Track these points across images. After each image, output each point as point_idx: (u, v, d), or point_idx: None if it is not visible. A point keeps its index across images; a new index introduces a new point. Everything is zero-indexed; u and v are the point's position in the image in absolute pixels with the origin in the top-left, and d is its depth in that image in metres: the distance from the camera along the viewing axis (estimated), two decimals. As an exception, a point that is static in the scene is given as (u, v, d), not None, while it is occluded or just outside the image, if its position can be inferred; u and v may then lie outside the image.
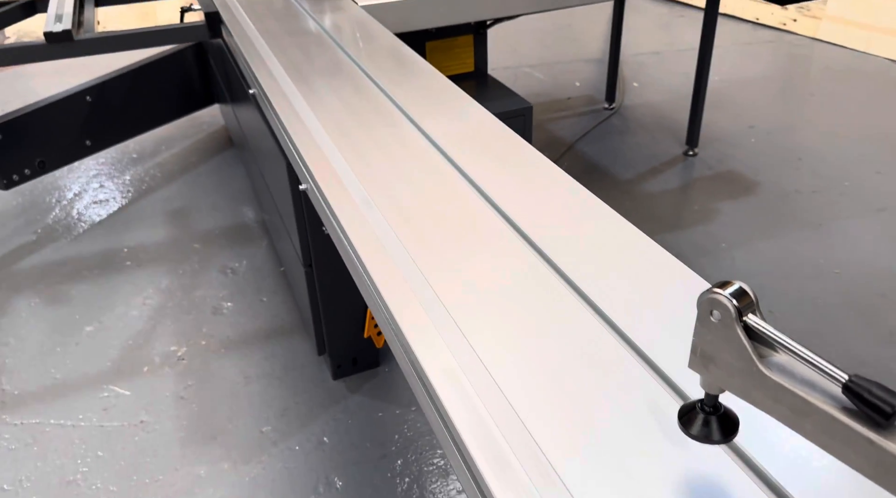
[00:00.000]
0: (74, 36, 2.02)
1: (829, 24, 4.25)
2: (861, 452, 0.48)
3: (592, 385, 0.75)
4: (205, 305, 2.26)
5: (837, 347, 2.02)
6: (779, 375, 0.53)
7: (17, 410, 1.90)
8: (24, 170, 2.51)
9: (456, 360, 0.79)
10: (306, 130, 1.34)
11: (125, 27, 4.92)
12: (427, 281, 0.91)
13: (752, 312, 0.54)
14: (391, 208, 1.08)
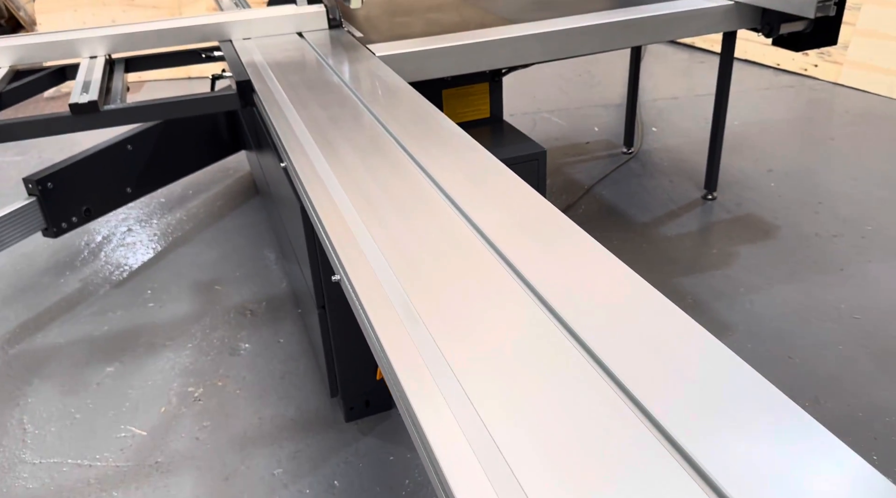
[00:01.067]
0: (100, 107, 2.00)
1: (850, 70, 4.26)
2: None
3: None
4: (223, 346, 2.30)
5: (858, 394, 1.98)
6: None
7: (37, 449, 1.94)
8: (71, 218, 2.57)
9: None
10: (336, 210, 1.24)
11: (161, 77, 5.08)
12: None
13: None
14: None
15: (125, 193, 2.73)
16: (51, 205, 2.47)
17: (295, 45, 2.29)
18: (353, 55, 2.14)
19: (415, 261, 1.06)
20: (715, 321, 2.29)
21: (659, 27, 2.41)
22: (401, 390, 0.82)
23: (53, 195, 2.47)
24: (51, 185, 2.45)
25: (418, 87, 1.95)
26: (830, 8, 2.34)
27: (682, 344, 0.85)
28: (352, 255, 1.08)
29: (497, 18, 2.43)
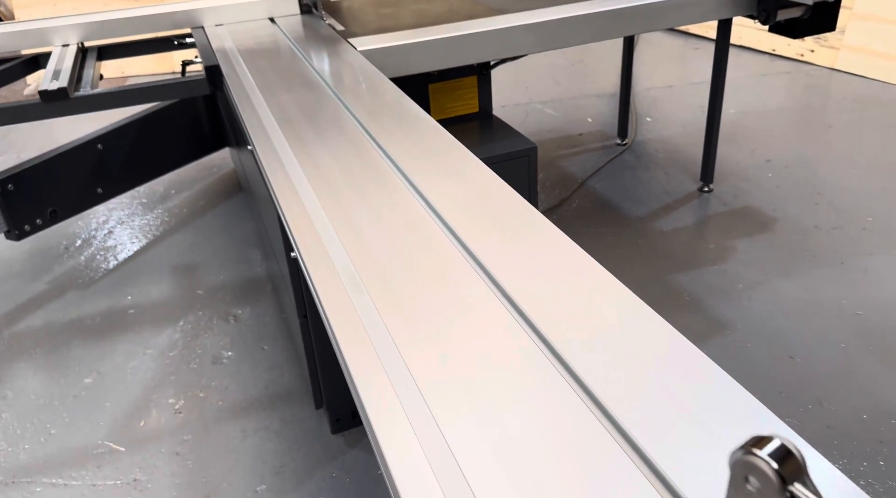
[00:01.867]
0: (70, 94, 1.99)
1: (847, 55, 4.18)
2: None
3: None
4: (206, 354, 2.22)
5: (862, 395, 1.91)
6: None
7: (9, 468, 1.86)
8: (35, 220, 2.48)
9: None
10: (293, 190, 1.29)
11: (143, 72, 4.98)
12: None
13: (799, 481, 0.44)
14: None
15: (96, 194, 2.61)
16: (12, 207, 2.37)
17: (266, 31, 2.33)
18: (319, 36, 2.12)
19: (363, 233, 1.12)
20: (712, 319, 2.22)
21: (653, 15, 2.33)
22: (337, 345, 0.88)
23: (14, 197, 2.36)
24: (11, 187, 2.35)
25: (403, 82, 1.86)
26: (830, -7, 2.26)
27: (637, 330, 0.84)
28: (305, 230, 1.14)
29: (486, 9, 2.34)
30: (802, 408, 1.89)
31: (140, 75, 4.94)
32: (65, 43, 2.31)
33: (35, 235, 2.94)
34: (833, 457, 1.74)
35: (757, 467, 0.43)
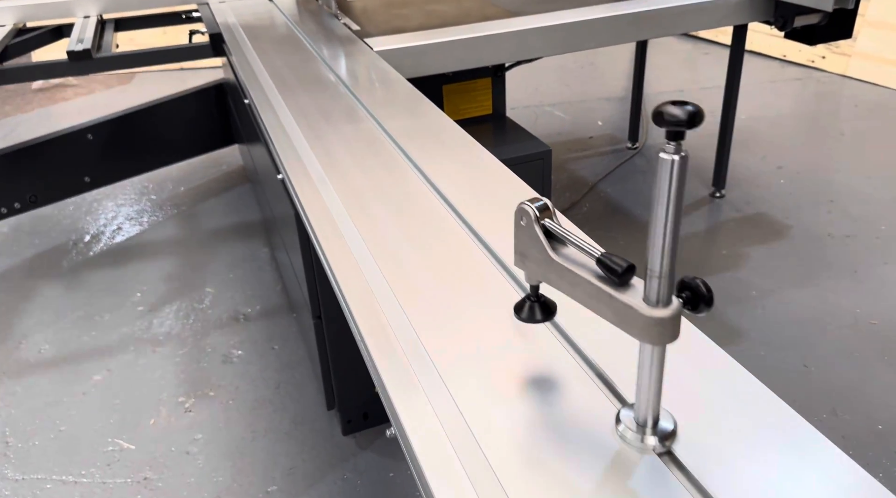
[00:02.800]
0: (93, 55, 2.24)
1: (858, 61, 4.16)
2: (607, 305, 0.66)
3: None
4: (215, 353, 2.21)
5: (877, 405, 1.90)
6: (563, 260, 0.69)
7: (20, 465, 1.85)
8: (13, 204, 2.56)
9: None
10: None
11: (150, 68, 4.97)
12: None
13: (548, 218, 0.71)
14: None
15: (82, 182, 2.66)
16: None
17: (264, 8, 2.61)
18: (314, 13, 2.35)
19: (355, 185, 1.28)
20: (726, 327, 2.20)
21: (669, 20, 2.31)
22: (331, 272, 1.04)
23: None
24: None
25: (418, 83, 1.85)
26: (849, 0, 2.24)
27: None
28: (292, 160, 1.35)
29: (500, 10, 2.33)
30: (817, 417, 1.87)
31: (149, 71, 4.94)
32: (86, 15, 2.60)
33: (44, 231, 2.94)
34: (848, 467, 1.73)
35: (525, 211, 0.71)
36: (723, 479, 0.64)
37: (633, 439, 0.69)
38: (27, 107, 4.36)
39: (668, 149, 0.58)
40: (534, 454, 0.69)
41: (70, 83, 4.74)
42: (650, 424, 0.69)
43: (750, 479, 0.64)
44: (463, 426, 0.73)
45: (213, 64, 4.91)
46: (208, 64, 4.93)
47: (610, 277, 0.65)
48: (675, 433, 0.70)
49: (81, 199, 3.19)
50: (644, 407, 0.68)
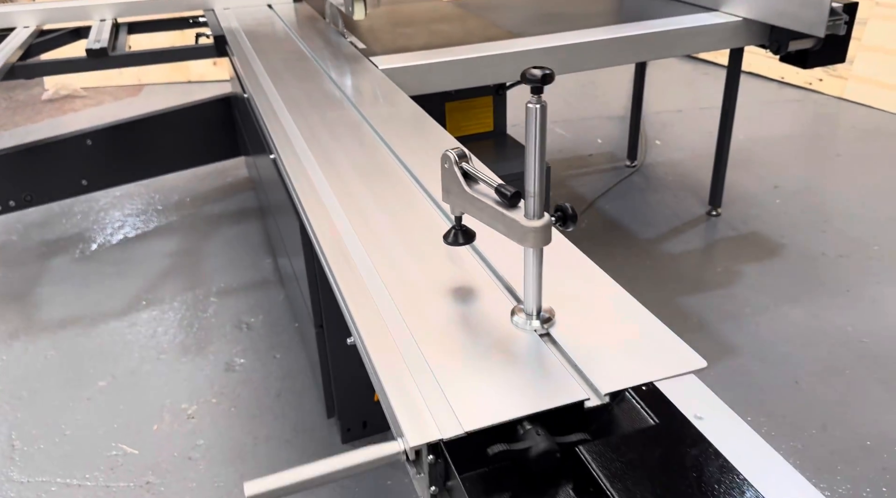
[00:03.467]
0: (109, 52, 2.42)
1: (855, 85, 4.23)
2: (502, 222, 0.89)
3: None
4: (218, 361, 2.25)
5: (867, 422, 1.93)
6: (474, 192, 0.92)
7: (25, 467, 1.89)
8: (8, 201, 2.68)
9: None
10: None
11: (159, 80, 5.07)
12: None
13: (465, 162, 0.94)
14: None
15: (79, 185, 2.77)
16: None
17: (265, 14, 2.84)
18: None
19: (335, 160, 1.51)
20: (720, 342, 2.25)
21: (666, 43, 2.38)
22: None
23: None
24: None
25: (421, 100, 1.91)
26: (840, 26, 2.30)
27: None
28: (283, 139, 1.58)
29: (502, 31, 2.39)
30: (806, 432, 1.91)
31: (156, 83, 5.02)
32: (102, 18, 2.80)
33: (52, 239, 2.99)
34: (836, 482, 1.76)
35: (448, 156, 0.93)
36: (585, 352, 0.90)
37: (523, 324, 0.95)
38: (37, 117, 4.43)
39: (532, 100, 0.83)
40: (451, 335, 0.94)
41: (79, 94, 4.82)
42: (534, 313, 0.94)
43: (603, 351, 0.90)
44: (399, 319, 0.99)
45: (222, 77, 5.00)
46: (216, 76, 5.01)
47: (503, 200, 0.88)
48: (552, 320, 0.95)
49: (89, 208, 3.25)
50: (530, 300, 0.94)
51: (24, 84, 5.08)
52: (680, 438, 0.75)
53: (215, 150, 3.12)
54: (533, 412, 0.80)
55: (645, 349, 0.90)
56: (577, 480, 0.76)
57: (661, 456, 0.72)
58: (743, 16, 2.44)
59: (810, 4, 2.26)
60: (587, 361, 0.88)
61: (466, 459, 0.79)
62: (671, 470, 0.70)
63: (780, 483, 0.71)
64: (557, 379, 0.85)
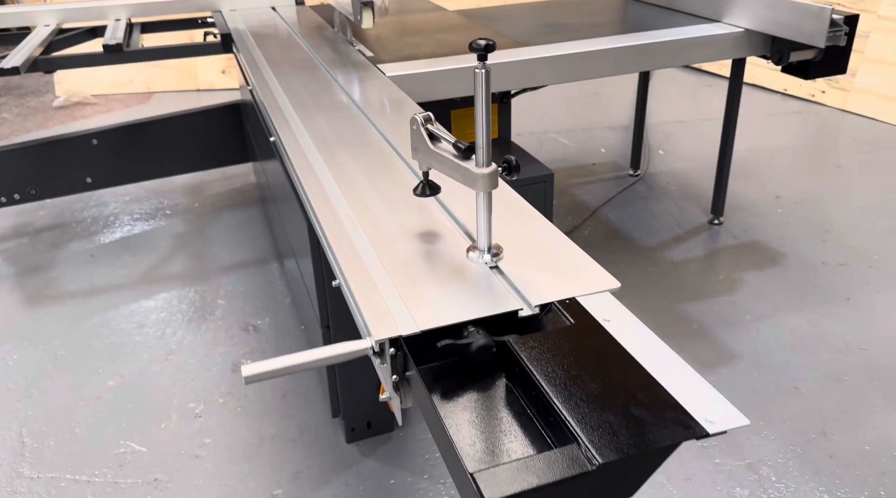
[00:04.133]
0: (124, 48, 2.61)
1: (857, 97, 4.26)
2: (458, 171, 1.06)
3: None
4: (225, 362, 2.29)
5: (865, 427, 1.96)
6: (437, 149, 1.09)
7: (35, 464, 1.92)
8: (13, 194, 2.82)
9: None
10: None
11: (168, 88, 5.14)
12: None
13: (430, 124, 1.11)
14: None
15: (83, 182, 2.91)
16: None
17: (269, 15, 3.03)
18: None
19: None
20: (720, 349, 2.27)
21: (669, 53, 2.42)
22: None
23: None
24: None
25: (428, 107, 1.95)
26: (841, 37, 2.34)
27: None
28: (280, 120, 1.78)
29: (508, 41, 2.44)
30: (805, 437, 1.93)
31: (165, 90, 5.08)
32: (117, 18, 3.00)
33: (62, 243, 3.04)
34: (835, 486, 1.78)
35: (415, 120, 1.10)
36: (524, 278, 1.06)
37: (476, 259, 1.12)
38: (48, 123, 4.49)
39: (478, 66, 0.98)
40: (414, 264, 1.12)
41: (90, 102, 4.89)
42: (485, 249, 1.11)
43: (539, 277, 1.07)
44: (371, 253, 1.16)
45: (231, 86, 5.06)
46: (225, 85, 5.08)
47: (459, 153, 1.05)
48: (500, 255, 1.12)
49: (99, 212, 3.30)
50: (481, 238, 1.11)
51: (36, 91, 5.15)
52: (589, 334, 0.94)
53: (222, 155, 3.20)
54: (476, 318, 0.97)
55: (573, 275, 1.08)
56: (508, 368, 0.93)
57: (572, 346, 0.91)
58: (745, 27, 2.48)
59: (811, 16, 2.30)
60: (525, 284, 1.04)
61: (422, 355, 0.95)
62: (580, 355, 0.89)
63: (667, 365, 0.88)
64: (499, 296, 1.02)
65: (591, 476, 0.74)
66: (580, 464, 0.74)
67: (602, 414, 0.79)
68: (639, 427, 0.77)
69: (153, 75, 5.10)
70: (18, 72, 2.39)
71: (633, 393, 0.82)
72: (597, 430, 0.77)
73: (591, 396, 0.82)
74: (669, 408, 0.80)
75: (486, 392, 0.91)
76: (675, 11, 2.78)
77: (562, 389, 0.83)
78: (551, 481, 0.73)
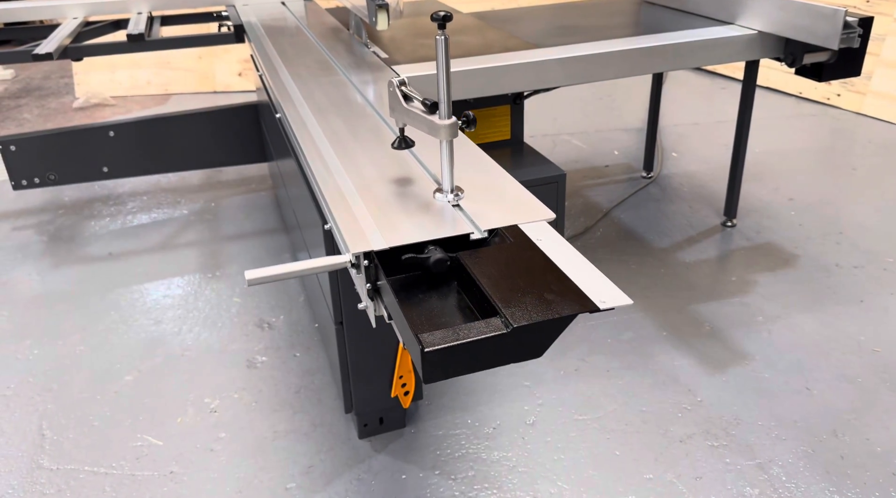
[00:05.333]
0: (146, 37, 2.85)
1: (873, 100, 4.24)
2: (425, 124, 1.26)
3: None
4: (240, 358, 2.32)
5: (877, 429, 1.95)
6: (409, 107, 1.30)
7: (55, 456, 1.96)
8: (33, 178, 3.02)
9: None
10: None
11: (185, 90, 5.19)
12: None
13: (404, 86, 1.31)
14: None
15: (100, 171, 3.07)
16: (11, 163, 2.96)
17: (279, 10, 3.23)
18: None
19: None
20: (732, 349, 2.28)
21: (682, 54, 2.43)
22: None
23: (15, 156, 2.95)
24: (13, 148, 2.93)
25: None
26: (854, 39, 2.34)
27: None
28: (284, 95, 2.01)
29: (521, 42, 2.46)
30: (816, 437, 1.93)
31: (183, 92, 5.15)
32: (139, 11, 3.28)
33: (82, 242, 3.09)
34: (846, 486, 1.79)
35: (392, 82, 1.31)
36: (480, 211, 1.28)
37: (441, 199, 1.32)
38: (68, 124, 4.57)
39: (439, 34, 1.17)
40: (388, 201, 1.34)
41: (108, 103, 4.96)
42: (449, 191, 1.31)
43: (491, 210, 1.29)
44: (354, 193, 1.38)
45: (247, 88, 5.11)
46: (241, 87, 5.14)
47: (427, 109, 1.24)
48: (461, 196, 1.32)
49: (117, 211, 3.35)
50: (445, 180, 1.31)
51: (56, 92, 5.23)
52: (523, 249, 1.17)
53: (237, 153, 3.28)
54: (435, 238, 1.19)
55: (519, 209, 1.29)
56: (459, 279, 1.15)
57: (509, 257, 1.15)
58: (758, 29, 2.48)
59: (824, 18, 2.30)
60: (479, 215, 1.27)
61: (391, 268, 1.17)
62: (513, 263, 1.13)
63: (580, 268, 1.12)
64: (456, 224, 1.24)
65: (507, 337, 0.98)
66: (497, 328, 0.98)
67: (521, 298, 1.03)
68: (547, 305, 1.02)
69: (171, 77, 5.17)
70: (52, 57, 2.60)
71: (548, 285, 1.07)
72: (515, 306, 1.01)
73: (516, 287, 1.06)
74: (573, 293, 1.05)
75: (440, 295, 1.14)
76: (689, 14, 2.79)
77: (494, 283, 1.07)
78: (475, 339, 0.97)
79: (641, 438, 1.96)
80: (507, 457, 1.90)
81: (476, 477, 1.84)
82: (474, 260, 1.13)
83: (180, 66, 5.17)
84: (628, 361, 2.25)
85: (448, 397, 2.12)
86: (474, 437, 1.97)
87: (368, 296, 1.20)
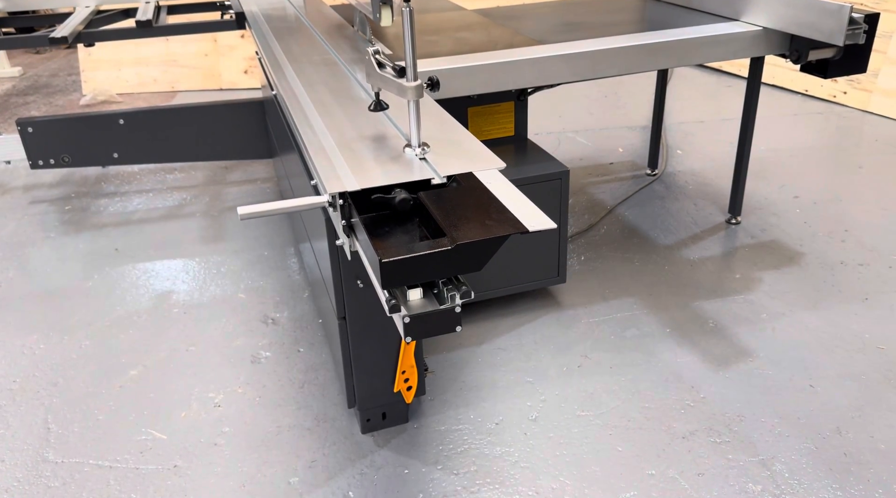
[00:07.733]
0: (153, 24, 3.10)
1: (880, 97, 4.22)
2: (396, 87, 1.40)
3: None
4: (244, 353, 2.33)
5: (881, 426, 1.95)
6: (382, 72, 1.44)
7: (60, 449, 1.97)
8: (49, 159, 3.14)
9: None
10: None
11: (191, 87, 5.21)
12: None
13: (379, 55, 1.46)
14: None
15: (111, 157, 3.19)
16: (29, 143, 3.10)
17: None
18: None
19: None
20: (736, 346, 2.27)
21: (686, 51, 2.42)
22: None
23: (33, 137, 3.09)
24: (31, 130, 3.07)
25: (445, 104, 1.98)
26: (860, 36, 2.33)
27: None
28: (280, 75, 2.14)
29: (525, 39, 2.46)
30: (820, 434, 1.93)
31: (189, 90, 5.17)
32: (147, 0, 3.57)
33: (89, 236, 3.11)
34: (849, 483, 1.78)
35: (367, 51, 1.48)
36: (442, 162, 1.45)
37: (409, 153, 1.49)
38: (74, 121, 4.58)
39: (404, 5, 1.29)
40: (363, 154, 1.51)
41: (115, 100, 4.98)
42: (416, 146, 1.47)
43: (451, 160, 1.46)
44: (334, 148, 1.55)
45: (254, 85, 5.13)
46: (247, 84, 5.15)
47: (396, 73, 1.40)
48: (426, 150, 1.48)
49: (123, 207, 3.37)
50: (413, 136, 1.47)
51: (63, 90, 5.26)
52: (474, 190, 1.36)
53: (243, 147, 3.32)
54: (400, 182, 1.37)
55: (475, 160, 1.47)
56: (421, 216, 1.34)
57: (461, 196, 1.34)
58: (763, 25, 2.48)
59: (830, 14, 2.29)
60: (440, 165, 1.44)
61: (363, 207, 1.36)
62: (464, 200, 1.32)
63: (520, 204, 1.30)
64: (421, 171, 1.41)
65: (451, 252, 1.17)
66: (443, 245, 1.18)
67: (466, 224, 1.23)
68: (486, 228, 1.22)
69: (177, 75, 5.19)
70: (67, 41, 2.76)
71: (490, 214, 1.27)
72: (459, 230, 1.21)
73: (463, 217, 1.26)
74: (508, 220, 1.25)
75: (405, 230, 1.32)
76: (694, 10, 2.78)
77: (445, 214, 1.27)
78: (423, 253, 1.17)
79: (644, 434, 1.96)
80: (510, 452, 1.91)
81: (478, 472, 1.85)
82: (432, 199, 1.32)
83: (186, 64, 5.19)
84: (631, 358, 2.25)
85: (451, 393, 2.12)
86: (477, 432, 1.98)
87: (344, 232, 1.38)
